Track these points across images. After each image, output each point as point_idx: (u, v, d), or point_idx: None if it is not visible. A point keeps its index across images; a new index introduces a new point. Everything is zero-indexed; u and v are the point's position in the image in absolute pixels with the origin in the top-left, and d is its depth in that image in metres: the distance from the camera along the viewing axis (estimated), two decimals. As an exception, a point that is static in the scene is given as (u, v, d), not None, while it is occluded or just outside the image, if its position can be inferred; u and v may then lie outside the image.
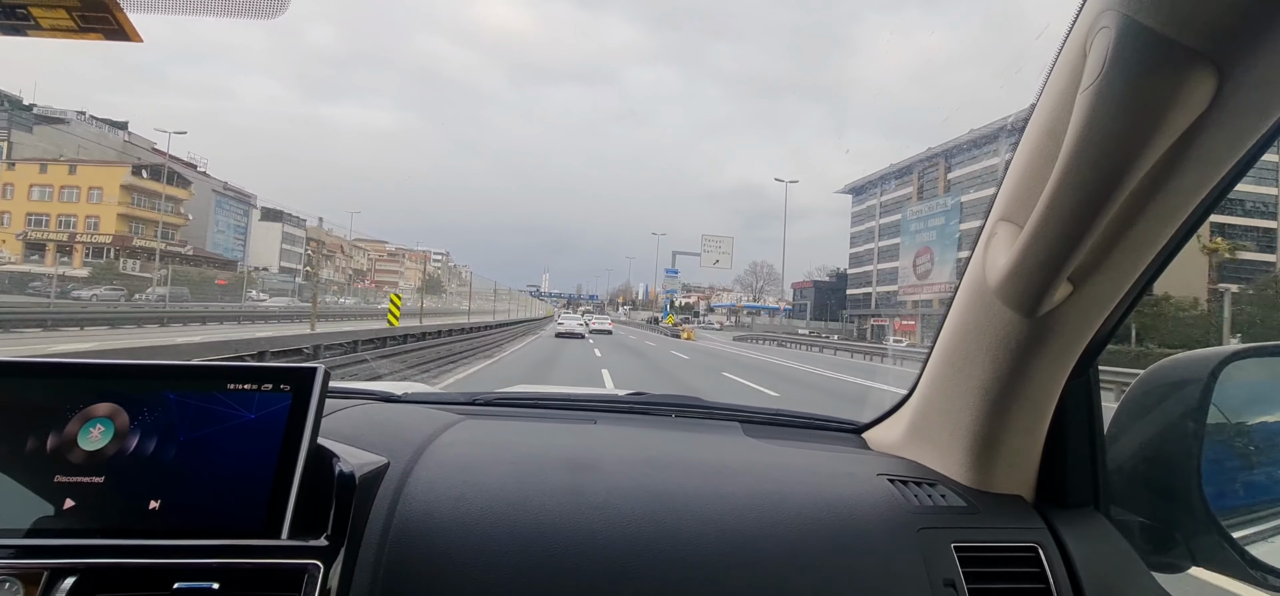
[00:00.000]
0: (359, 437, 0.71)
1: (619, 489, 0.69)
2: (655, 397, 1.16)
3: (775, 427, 1.04)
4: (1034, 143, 0.61)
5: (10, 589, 0.51)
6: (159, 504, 0.56)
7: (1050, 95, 0.58)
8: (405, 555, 0.60)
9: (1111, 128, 0.49)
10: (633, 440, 0.89)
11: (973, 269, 0.71)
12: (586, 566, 0.60)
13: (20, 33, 0.49)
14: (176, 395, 0.60)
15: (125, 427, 0.58)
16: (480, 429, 0.87)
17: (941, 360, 0.79)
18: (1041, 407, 0.72)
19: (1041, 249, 0.59)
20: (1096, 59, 0.48)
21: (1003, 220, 0.66)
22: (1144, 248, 0.59)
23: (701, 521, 0.65)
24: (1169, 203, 0.55)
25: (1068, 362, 0.69)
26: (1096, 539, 0.71)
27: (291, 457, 0.58)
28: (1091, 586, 0.67)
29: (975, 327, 0.71)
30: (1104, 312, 0.65)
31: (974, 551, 0.67)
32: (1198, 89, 0.46)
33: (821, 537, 0.66)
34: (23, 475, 0.56)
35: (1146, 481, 0.74)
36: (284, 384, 0.61)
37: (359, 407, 0.90)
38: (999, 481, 0.76)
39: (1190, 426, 0.70)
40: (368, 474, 0.64)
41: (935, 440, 0.82)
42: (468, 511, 0.64)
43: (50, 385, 0.60)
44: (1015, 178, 0.64)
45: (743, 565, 0.62)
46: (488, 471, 0.71)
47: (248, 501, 0.56)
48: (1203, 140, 0.49)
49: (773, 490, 0.72)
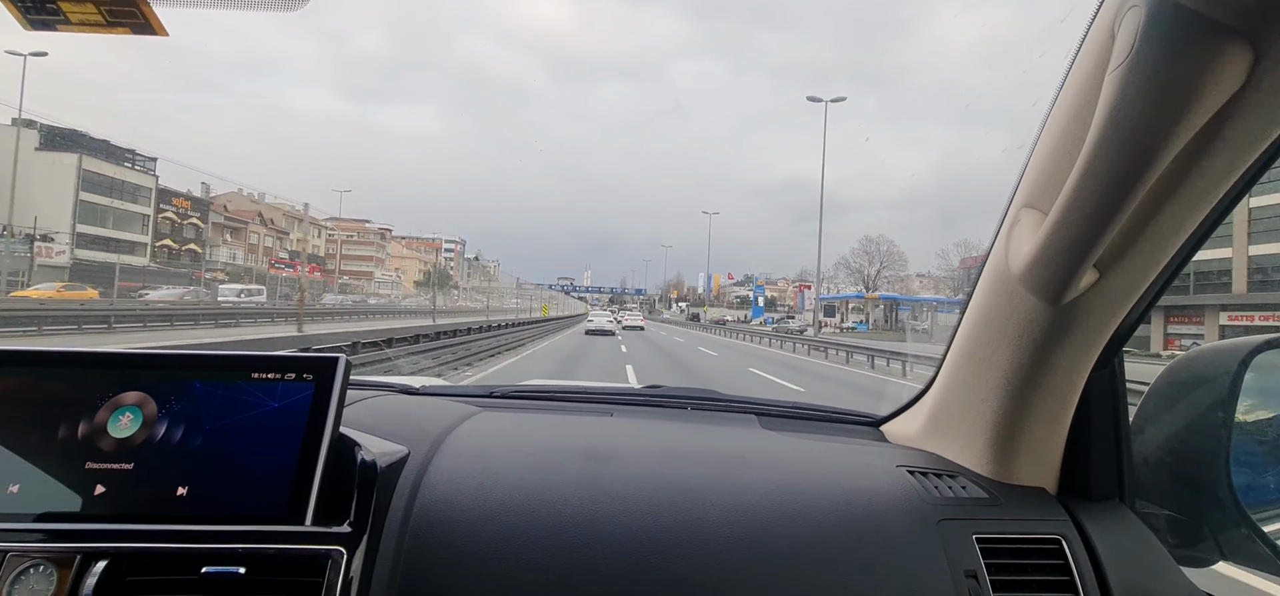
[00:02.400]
0: (379, 428, 0.72)
1: (636, 479, 0.69)
2: (671, 390, 1.16)
3: (793, 420, 1.04)
4: (1060, 126, 0.60)
5: (44, 572, 0.53)
6: (186, 490, 0.57)
7: (1077, 77, 0.57)
8: (426, 543, 0.60)
9: (1141, 108, 0.48)
10: (649, 432, 0.89)
11: (995, 257, 0.70)
12: (605, 556, 0.60)
13: (50, 27, 0.50)
14: (202, 384, 0.61)
15: (153, 416, 0.59)
16: (498, 421, 0.88)
17: (962, 350, 0.78)
18: (1065, 398, 0.71)
19: (1067, 235, 0.58)
20: (1126, 38, 0.47)
21: (1027, 207, 0.65)
22: (1173, 233, 0.58)
23: (719, 512, 0.65)
24: (1199, 186, 0.53)
25: (1093, 352, 0.68)
26: (1122, 532, 0.70)
27: (314, 446, 0.59)
28: (1117, 579, 0.66)
29: (998, 317, 0.70)
30: (1130, 301, 0.64)
31: (996, 543, 0.66)
32: (1232, 67, 0.45)
33: (839, 528, 0.65)
34: (55, 462, 0.57)
35: (1173, 474, 0.73)
36: (307, 373, 0.62)
37: (378, 399, 0.91)
38: (1021, 473, 0.75)
39: (1219, 417, 0.68)
40: (389, 463, 0.64)
41: (956, 432, 0.82)
42: (487, 500, 0.64)
43: (80, 375, 0.61)
44: (1039, 163, 0.63)
45: (760, 556, 0.62)
46: (506, 462, 0.71)
47: (272, 489, 0.57)
48: (1236, 120, 0.48)
49: (790, 481, 0.72)
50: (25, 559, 0.53)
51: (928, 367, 4.85)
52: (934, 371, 0.88)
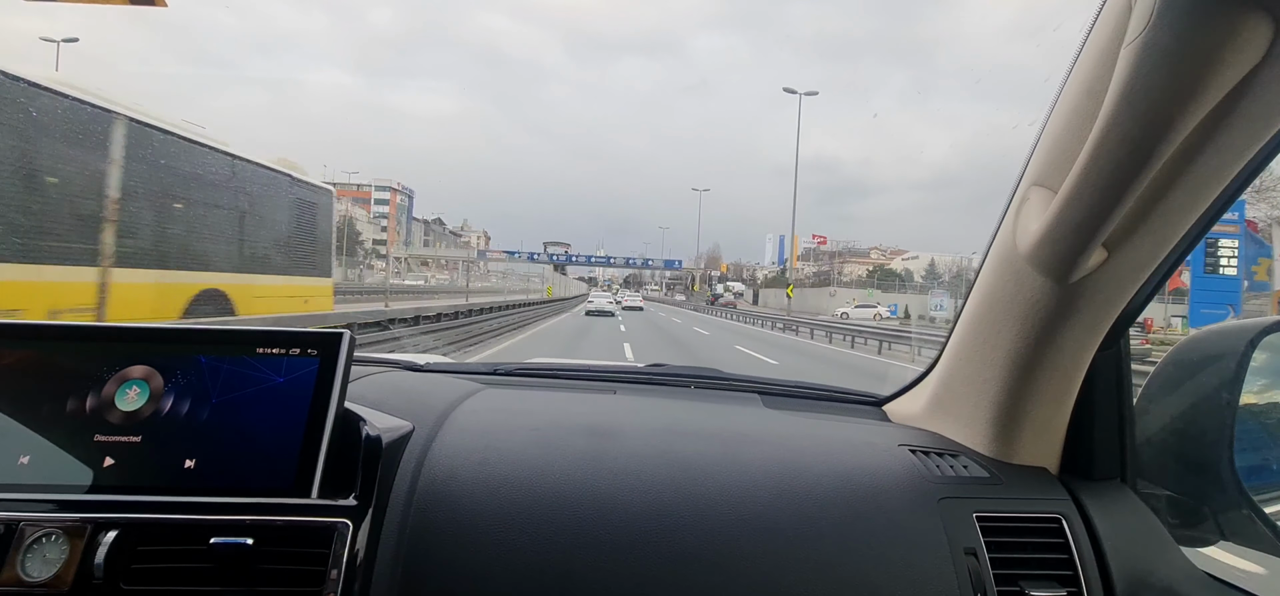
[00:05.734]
0: (384, 403, 0.72)
1: (639, 455, 0.69)
2: (674, 369, 1.16)
3: (795, 399, 1.04)
4: (1072, 102, 0.59)
5: (56, 541, 0.54)
6: (194, 463, 0.57)
7: (1091, 52, 0.56)
8: (430, 516, 0.61)
9: (1157, 83, 0.47)
10: (652, 409, 0.89)
11: (1002, 235, 0.69)
12: (607, 530, 0.61)
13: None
14: (208, 359, 0.61)
15: (160, 389, 0.60)
16: (502, 397, 0.88)
17: (968, 329, 0.78)
18: (1070, 378, 0.71)
19: (1076, 213, 0.57)
20: (1143, 11, 0.46)
21: (1036, 184, 0.64)
22: (1183, 211, 0.57)
23: (721, 488, 0.66)
24: (1213, 163, 0.52)
25: (1099, 332, 0.67)
26: (1122, 511, 0.71)
27: (320, 420, 0.59)
28: (1116, 558, 0.66)
29: (1004, 295, 0.70)
30: (1139, 280, 0.63)
31: (996, 521, 0.67)
32: (1251, 40, 0.44)
33: (840, 505, 0.66)
34: (65, 435, 0.58)
35: (1176, 454, 0.73)
36: (312, 348, 0.62)
37: (383, 375, 0.92)
38: (1023, 453, 0.75)
39: (1224, 399, 0.68)
40: (393, 438, 0.65)
41: (959, 411, 0.82)
42: (490, 475, 0.65)
43: (87, 348, 0.62)
44: (1050, 139, 0.62)
45: (761, 531, 0.62)
46: (510, 437, 0.71)
47: (278, 461, 0.58)
48: (1254, 95, 0.47)
49: (792, 459, 0.72)
50: (38, 528, 0.54)
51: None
52: (938, 351, 0.88)
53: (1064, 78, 0.60)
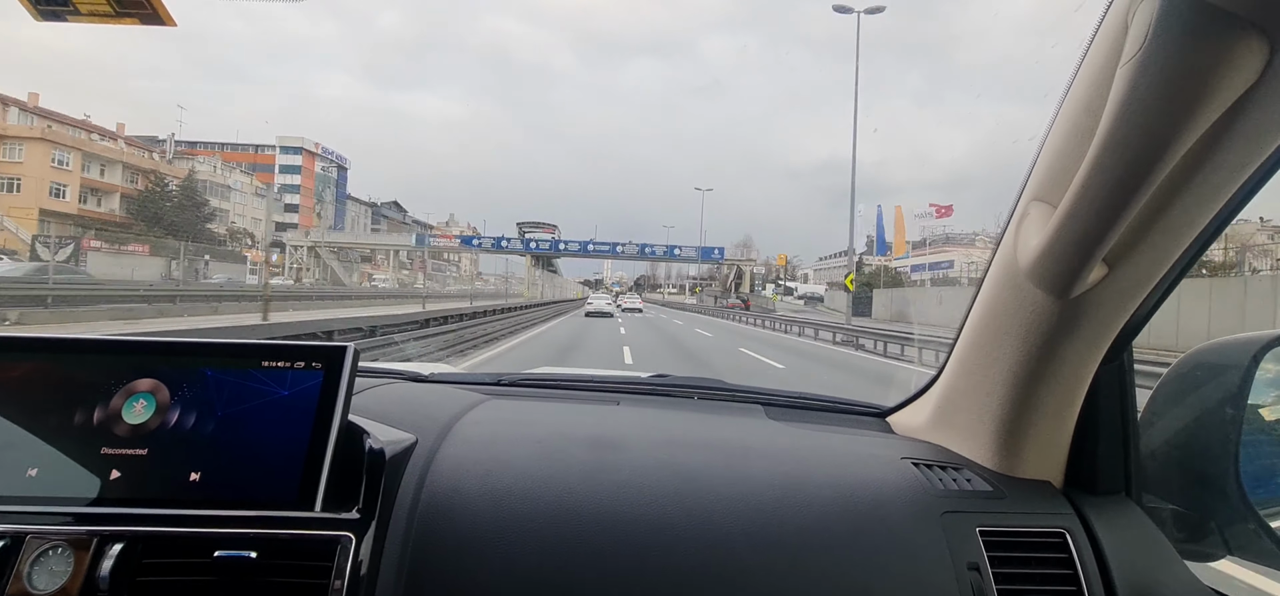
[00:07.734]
0: (387, 415, 0.73)
1: (642, 468, 0.69)
2: (678, 380, 1.16)
3: (798, 411, 1.04)
4: (1070, 119, 0.59)
5: (61, 554, 0.54)
6: (199, 476, 0.58)
7: (1089, 69, 0.56)
8: (433, 529, 0.61)
9: (1153, 102, 0.47)
10: (655, 421, 0.89)
11: (1004, 250, 0.69)
12: (610, 543, 0.61)
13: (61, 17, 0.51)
14: (214, 372, 0.62)
15: (166, 402, 0.60)
16: (505, 408, 0.89)
17: (970, 343, 0.78)
18: (1072, 392, 0.71)
19: (1076, 229, 0.57)
20: (1139, 30, 0.46)
21: (1036, 200, 0.64)
22: (1183, 228, 0.57)
23: (724, 501, 0.66)
24: (1212, 181, 0.53)
25: (1101, 347, 0.67)
26: (1127, 526, 0.70)
27: (324, 433, 0.60)
28: (1120, 574, 0.66)
29: (1005, 310, 0.70)
30: (1140, 296, 0.63)
31: (1000, 536, 0.66)
32: (1247, 60, 0.44)
33: (843, 519, 0.66)
34: (72, 447, 0.58)
35: (1181, 468, 0.72)
36: (316, 362, 0.63)
37: (387, 387, 0.93)
38: (1027, 467, 0.75)
39: (1228, 412, 0.68)
40: (397, 450, 0.65)
41: (962, 424, 0.81)
42: (494, 487, 0.65)
43: (95, 361, 0.63)
44: (1049, 155, 0.62)
45: (764, 544, 0.62)
46: (513, 449, 0.72)
47: (282, 475, 0.58)
48: (1250, 114, 0.47)
49: (795, 471, 0.72)
50: (43, 540, 0.54)
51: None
52: (941, 363, 0.88)
53: (1062, 94, 0.60)
